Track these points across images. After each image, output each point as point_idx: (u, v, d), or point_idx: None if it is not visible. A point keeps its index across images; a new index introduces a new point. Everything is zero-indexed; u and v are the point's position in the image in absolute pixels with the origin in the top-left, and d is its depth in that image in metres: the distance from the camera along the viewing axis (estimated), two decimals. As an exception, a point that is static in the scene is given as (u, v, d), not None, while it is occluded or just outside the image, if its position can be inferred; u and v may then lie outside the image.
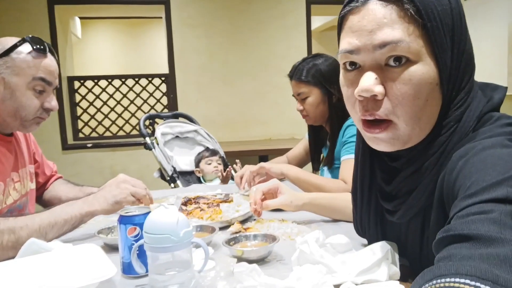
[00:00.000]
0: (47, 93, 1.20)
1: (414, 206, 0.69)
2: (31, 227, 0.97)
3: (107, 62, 6.60)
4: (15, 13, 3.85)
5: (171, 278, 0.70)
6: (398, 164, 0.72)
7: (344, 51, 0.67)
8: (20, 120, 1.17)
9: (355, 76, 0.67)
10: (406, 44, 0.61)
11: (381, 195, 0.77)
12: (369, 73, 0.64)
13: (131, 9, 4.64)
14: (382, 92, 0.63)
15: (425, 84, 0.62)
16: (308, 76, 1.57)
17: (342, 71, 0.71)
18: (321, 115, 1.61)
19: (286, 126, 4.19)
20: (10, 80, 1.13)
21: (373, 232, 0.82)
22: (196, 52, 4.17)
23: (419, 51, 0.62)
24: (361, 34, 0.64)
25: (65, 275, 0.78)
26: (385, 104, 0.64)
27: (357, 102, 0.67)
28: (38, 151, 1.45)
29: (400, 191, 0.72)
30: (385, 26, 0.61)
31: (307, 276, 0.66)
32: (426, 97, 0.63)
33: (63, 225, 1.01)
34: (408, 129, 0.64)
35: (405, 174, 0.70)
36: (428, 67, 0.62)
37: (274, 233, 0.99)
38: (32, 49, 1.15)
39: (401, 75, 0.62)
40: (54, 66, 1.21)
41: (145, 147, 2.39)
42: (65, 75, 4.13)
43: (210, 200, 1.31)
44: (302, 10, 4.30)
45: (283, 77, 1.67)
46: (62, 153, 4.08)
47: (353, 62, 0.67)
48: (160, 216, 0.71)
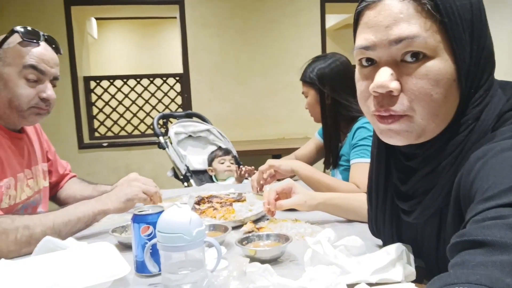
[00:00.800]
0: (41, 83, 1.18)
1: (430, 207, 0.67)
2: (45, 224, 0.99)
3: (122, 62, 6.68)
4: (32, 13, 3.92)
5: (184, 277, 0.70)
6: (414, 163, 0.71)
7: (360, 47, 0.66)
8: (16, 111, 1.16)
9: (370, 72, 0.66)
10: (422, 39, 0.59)
11: (397, 195, 0.76)
12: (384, 68, 0.63)
13: (146, 9, 4.68)
14: (398, 88, 0.62)
15: (442, 80, 0.61)
16: (306, 76, 1.61)
17: (358, 67, 0.70)
18: (319, 115, 1.63)
19: (299, 125, 4.16)
20: (2, 71, 1.14)
21: (388, 232, 0.81)
22: (209, 51, 4.18)
23: (436, 47, 0.60)
24: (377, 29, 0.63)
25: (79, 273, 0.79)
26: (401, 99, 0.62)
27: (370, 97, 0.67)
28: (51, 150, 1.47)
29: (416, 191, 0.70)
30: (402, 21, 0.60)
31: (320, 277, 0.66)
32: (443, 93, 0.61)
33: (76, 222, 1.03)
34: (423, 124, 0.63)
35: (422, 174, 0.68)
36: (446, 63, 0.61)
37: (287, 233, 0.98)
38: (21, 39, 1.14)
39: (417, 70, 0.61)
40: (49, 55, 1.19)
41: (159, 147, 2.40)
42: (81, 75, 4.19)
43: (223, 199, 1.31)
44: (317, 8, 4.27)
45: (296, 76, 1.68)
46: (78, 152, 4.14)
47: (369, 58, 0.66)
48: (173, 215, 0.71)
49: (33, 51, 1.15)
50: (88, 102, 4.26)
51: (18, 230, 0.96)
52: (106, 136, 4.38)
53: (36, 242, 0.91)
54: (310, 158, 1.90)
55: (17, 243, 0.95)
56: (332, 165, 1.65)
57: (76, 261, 0.83)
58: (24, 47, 1.15)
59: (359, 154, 1.44)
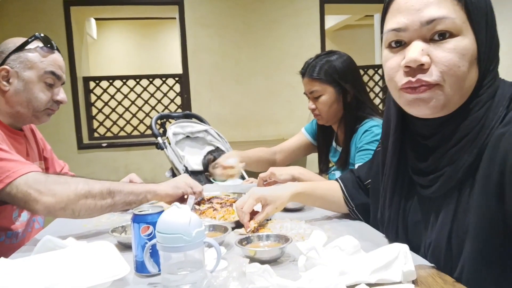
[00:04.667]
0: (56, 86, 1.29)
1: (451, 179, 0.72)
2: (104, 184, 1.07)
3: (121, 63, 6.68)
4: (31, 14, 3.92)
5: (183, 278, 0.70)
6: (431, 141, 0.76)
7: (392, 29, 0.73)
8: (32, 111, 1.26)
9: (399, 51, 0.73)
10: (451, 20, 0.68)
11: (415, 172, 0.81)
12: (415, 43, 0.70)
13: (145, 10, 4.67)
14: (429, 62, 0.69)
15: (467, 54, 0.68)
16: (321, 73, 1.51)
17: (386, 50, 0.76)
18: (334, 115, 1.56)
19: (298, 126, 4.11)
20: (23, 73, 1.22)
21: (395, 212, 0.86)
22: (209, 52, 4.18)
23: (461, 27, 0.68)
24: (409, 12, 0.70)
25: (79, 272, 0.79)
26: (432, 70, 0.69)
27: (399, 72, 0.73)
28: (47, 148, 1.50)
29: (437, 167, 0.75)
30: (432, 4, 0.69)
31: (319, 278, 0.66)
32: (468, 67, 0.69)
33: (129, 193, 1.10)
34: (451, 94, 0.70)
35: (443, 150, 0.73)
36: (469, 40, 0.69)
37: (287, 234, 0.98)
38: (42, 45, 1.25)
39: (445, 45, 0.69)
40: (62, 61, 1.31)
41: (157, 147, 2.40)
42: (81, 76, 4.19)
43: (223, 200, 1.31)
44: (316, 9, 4.28)
45: (296, 76, 1.63)
46: (77, 152, 4.14)
47: (399, 41, 0.73)
48: (173, 215, 0.71)
49: (51, 57, 1.26)
50: (88, 103, 4.25)
51: (78, 183, 1.04)
52: (105, 137, 4.37)
53: (92, 197, 1.02)
54: (291, 153, 1.84)
55: (76, 193, 1.02)
56: (342, 166, 1.58)
57: (76, 261, 0.83)
58: (45, 53, 1.25)
59: (365, 159, 1.41)
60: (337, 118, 1.58)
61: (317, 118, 1.63)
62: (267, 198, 1.08)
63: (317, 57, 1.57)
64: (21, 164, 1.05)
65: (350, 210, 1.14)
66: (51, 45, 1.27)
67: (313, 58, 1.58)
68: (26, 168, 1.04)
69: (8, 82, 1.22)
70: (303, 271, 0.74)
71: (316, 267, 0.69)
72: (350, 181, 1.15)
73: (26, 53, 1.23)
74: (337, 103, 1.53)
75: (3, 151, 1.06)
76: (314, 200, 1.17)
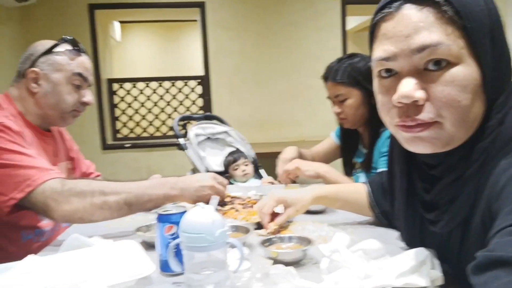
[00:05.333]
0: (83, 88, 1.32)
1: (456, 216, 0.66)
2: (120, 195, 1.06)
3: (144, 65, 6.78)
4: (57, 17, 4.03)
5: (207, 278, 0.71)
6: (437, 171, 0.70)
7: (379, 59, 0.64)
8: (60, 113, 1.29)
9: (391, 83, 0.65)
10: (445, 46, 0.58)
11: (422, 205, 0.74)
12: (408, 79, 0.61)
13: (167, 13, 4.74)
14: (423, 97, 0.60)
15: (469, 85, 0.59)
16: (346, 76, 1.49)
17: (377, 79, 0.68)
18: (360, 118, 1.54)
19: (319, 128, 4.13)
20: (52, 75, 1.25)
21: (412, 241, 0.81)
22: (230, 54, 4.20)
23: (460, 53, 0.59)
24: (397, 40, 0.61)
25: (105, 270, 0.80)
26: (428, 108, 0.61)
27: (393, 109, 0.65)
28: (74, 148, 1.54)
29: (441, 199, 0.69)
30: (422, 29, 0.59)
31: (344, 281, 0.65)
32: (471, 98, 0.60)
33: (146, 201, 1.08)
34: (453, 131, 0.61)
35: (446, 182, 0.67)
36: (471, 68, 0.59)
37: (309, 236, 0.98)
38: (71, 48, 1.28)
39: (442, 77, 0.59)
40: (89, 64, 1.34)
41: (179, 148, 2.43)
42: (105, 78, 4.28)
43: (245, 201, 1.31)
44: (337, 10, 4.25)
45: (316, 79, 1.60)
46: (101, 153, 4.22)
47: (389, 69, 0.65)
48: (196, 215, 0.72)
49: (79, 60, 1.30)
50: (111, 104, 4.34)
51: (94, 194, 1.04)
52: (128, 138, 4.45)
53: (108, 208, 1.02)
54: (324, 157, 1.86)
55: (92, 205, 1.03)
56: (365, 169, 1.56)
57: (102, 259, 0.84)
58: (73, 55, 1.29)
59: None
60: (363, 120, 1.56)
61: (342, 122, 1.60)
62: (288, 200, 1.07)
63: (339, 61, 1.54)
64: (41, 171, 1.06)
65: (375, 215, 1.12)
66: (79, 48, 1.30)
67: (335, 62, 1.56)
68: (45, 176, 1.05)
69: (37, 84, 1.25)
70: (326, 274, 0.74)
71: (340, 270, 0.69)
72: (377, 185, 1.10)
73: (55, 56, 1.26)
74: (363, 105, 1.51)
75: (25, 156, 1.07)
76: (337, 203, 1.14)
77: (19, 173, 1.03)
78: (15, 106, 1.25)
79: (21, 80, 1.27)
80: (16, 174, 1.03)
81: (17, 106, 1.26)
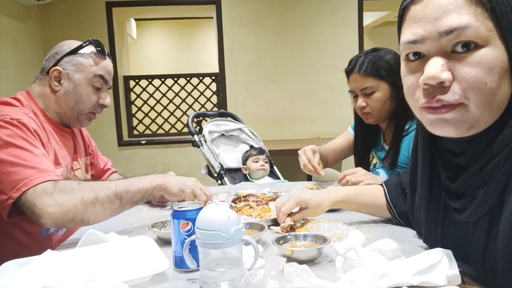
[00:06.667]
0: (103, 91, 1.34)
1: (485, 204, 0.65)
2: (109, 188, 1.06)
3: (160, 62, 6.83)
4: (75, 15, 4.08)
5: (222, 274, 0.71)
6: (461, 159, 0.69)
7: (407, 41, 0.65)
8: (77, 113, 1.31)
9: (418, 65, 0.65)
10: (474, 29, 0.59)
11: (447, 194, 0.73)
12: (434, 59, 0.62)
13: (183, 10, 4.76)
14: (450, 79, 0.61)
15: (495, 68, 0.59)
16: (374, 69, 1.45)
17: (404, 62, 0.69)
18: (386, 112, 1.49)
19: (334, 125, 4.10)
20: (74, 76, 1.28)
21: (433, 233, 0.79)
22: (245, 51, 4.20)
23: (488, 35, 0.59)
24: (425, 22, 0.62)
25: (120, 266, 0.81)
26: (454, 89, 0.61)
27: (418, 90, 0.66)
28: (92, 144, 1.57)
29: (468, 188, 0.68)
30: (451, 12, 0.60)
31: (360, 280, 0.64)
32: (497, 81, 0.60)
33: (136, 192, 1.08)
34: (478, 113, 0.61)
35: (473, 170, 0.66)
36: (498, 50, 0.59)
37: (324, 234, 0.97)
38: (95, 50, 1.30)
39: (469, 59, 0.60)
40: (111, 67, 1.36)
41: (193, 145, 2.44)
42: (121, 75, 4.32)
43: (259, 198, 1.31)
44: (354, 6, 4.19)
45: (332, 75, 1.59)
46: (118, 149, 4.27)
47: (417, 52, 0.65)
48: (212, 212, 0.72)
49: (102, 63, 1.32)
50: (128, 101, 4.39)
51: (84, 191, 1.02)
52: (144, 134, 4.50)
53: (100, 204, 1.01)
54: (340, 152, 1.82)
55: (84, 203, 1.01)
56: (390, 165, 1.51)
57: (118, 254, 0.85)
58: (97, 58, 1.31)
59: None
60: (387, 115, 1.52)
61: (366, 117, 1.55)
62: (308, 203, 1.07)
63: (366, 53, 1.50)
64: (40, 172, 1.03)
65: (392, 216, 1.11)
66: (103, 51, 1.32)
67: (360, 54, 1.52)
68: (43, 177, 1.02)
69: (59, 83, 1.28)
70: (341, 272, 0.73)
71: (356, 269, 0.68)
72: (394, 187, 1.09)
73: (79, 57, 1.28)
74: (390, 99, 1.47)
75: (31, 154, 1.05)
76: (356, 207, 1.13)
77: (20, 171, 1.01)
78: (36, 103, 1.28)
79: (45, 77, 1.29)
80: (16, 172, 1.01)
81: (38, 103, 1.28)
